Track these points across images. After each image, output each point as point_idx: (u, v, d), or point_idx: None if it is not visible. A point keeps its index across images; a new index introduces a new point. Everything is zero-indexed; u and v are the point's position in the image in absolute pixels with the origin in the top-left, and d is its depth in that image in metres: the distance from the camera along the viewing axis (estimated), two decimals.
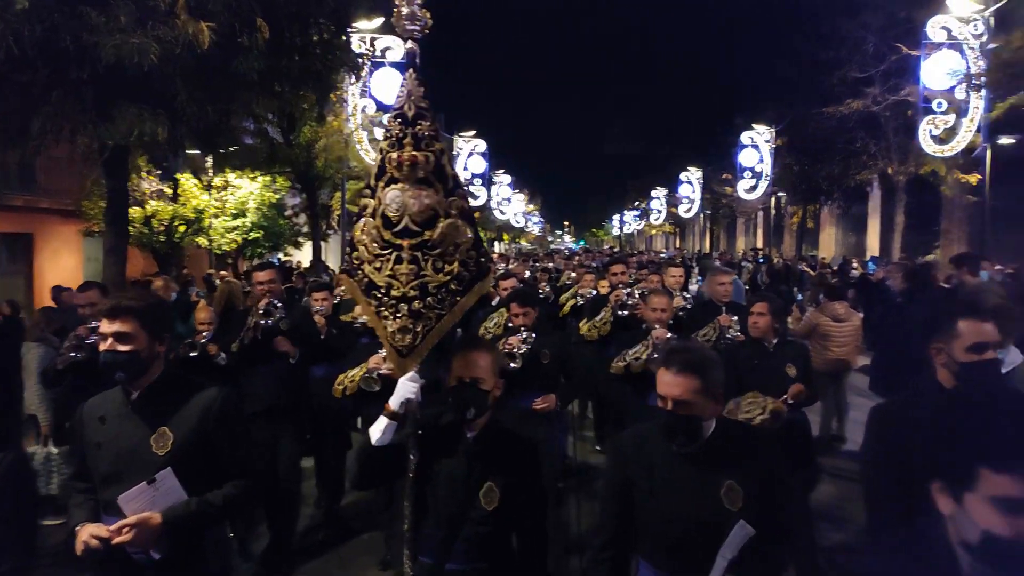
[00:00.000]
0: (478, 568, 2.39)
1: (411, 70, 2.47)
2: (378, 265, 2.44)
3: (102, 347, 2.47)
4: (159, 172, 15.86)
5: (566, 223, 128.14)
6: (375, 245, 2.44)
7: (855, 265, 20.17)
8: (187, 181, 16.53)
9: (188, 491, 2.41)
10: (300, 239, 19.73)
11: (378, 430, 2.43)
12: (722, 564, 2.10)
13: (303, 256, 22.16)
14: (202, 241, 16.78)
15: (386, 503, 4.60)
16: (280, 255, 19.43)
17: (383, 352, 4.06)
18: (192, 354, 4.82)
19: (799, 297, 14.92)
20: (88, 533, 2.32)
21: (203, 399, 2.54)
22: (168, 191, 16.13)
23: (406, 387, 2.42)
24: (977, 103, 15.02)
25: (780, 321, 4.57)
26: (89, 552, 2.30)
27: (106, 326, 2.47)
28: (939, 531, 1.40)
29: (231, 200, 16.95)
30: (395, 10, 2.45)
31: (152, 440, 2.44)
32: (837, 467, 6.73)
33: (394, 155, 2.39)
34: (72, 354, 4.56)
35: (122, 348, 2.44)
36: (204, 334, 5.00)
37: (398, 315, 2.43)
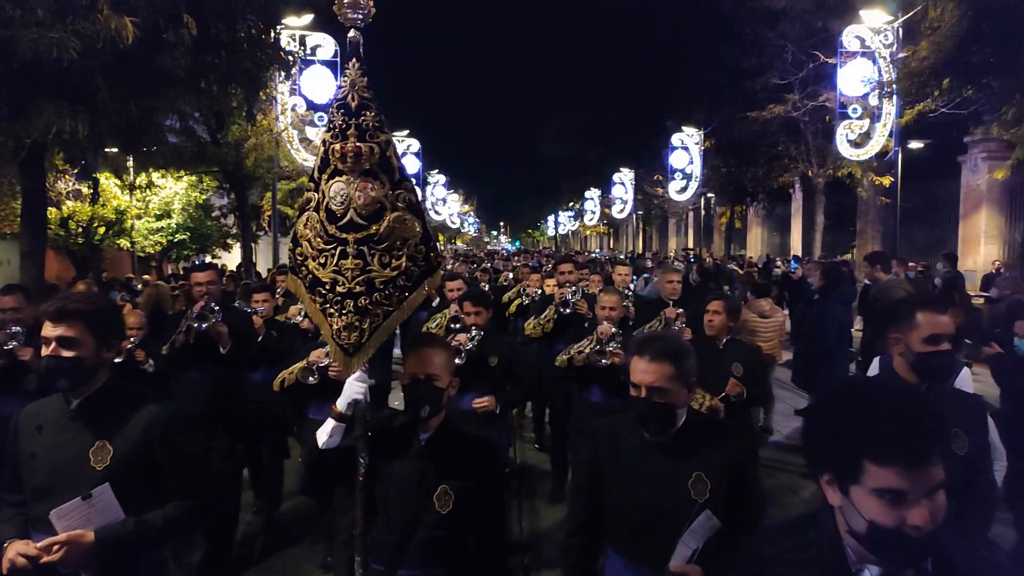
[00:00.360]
0: (433, 574, 2.31)
1: (354, 59, 2.38)
2: (322, 261, 2.32)
3: (44, 352, 2.31)
4: (75, 171, 15.12)
5: (502, 224, 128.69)
6: (319, 240, 2.32)
7: (779, 263, 21.03)
8: (107, 181, 15.84)
9: (127, 510, 2.27)
10: (229, 240, 19.16)
11: (325, 433, 2.34)
12: (684, 552, 2.07)
13: (232, 258, 21.51)
14: (124, 243, 16.11)
15: (324, 506, 4.51)
16: (208, 257, 18.82)
17: (327, 348, 3.98)
18: (117, 360, 4.61)
19: (730, 295, 15.44)
20: (15, 551, 2.17)
21: (148, 413, 2.38)
22: (86, 191, 15.42)
23: (353, 387, 2.32)
24: (889, 109, 15.85)
25: (734, 320, 4.66)
26: (15, 572, 2.16)
27: (49, 330, 2.30)
28: (829, 520, 1.45)
29: (155, 200, 16.33)
30: None
31: (91, 453, 2.28)
32: (766, 457, 7.01)
33: (337, 146, 2.28)
34: None
35: (66, 354, 2.28)
36: (132, 339, 4.81)
37: (344, 312, 2.32)
